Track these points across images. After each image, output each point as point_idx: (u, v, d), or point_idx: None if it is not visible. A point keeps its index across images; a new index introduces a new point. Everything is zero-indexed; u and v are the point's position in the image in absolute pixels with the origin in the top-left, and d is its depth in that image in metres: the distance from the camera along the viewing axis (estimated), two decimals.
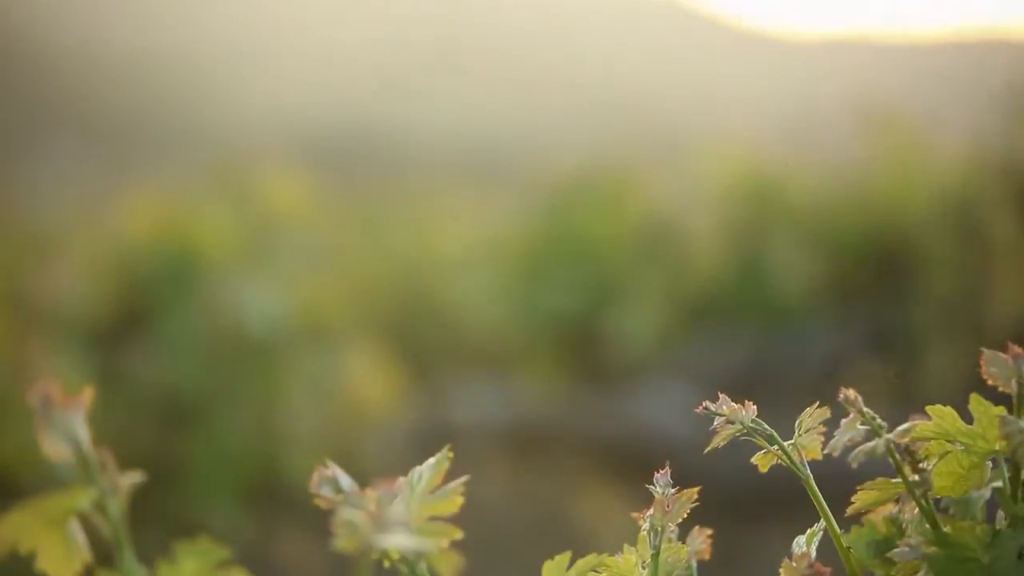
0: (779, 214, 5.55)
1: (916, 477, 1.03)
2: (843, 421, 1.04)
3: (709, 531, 1.08)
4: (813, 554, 1.05)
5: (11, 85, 9.86)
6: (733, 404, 1.08)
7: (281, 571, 3.80)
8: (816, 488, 1.06)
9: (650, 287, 5.48)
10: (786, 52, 11.48)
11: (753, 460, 1.08)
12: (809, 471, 1.07)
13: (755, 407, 1.08)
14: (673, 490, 1.08)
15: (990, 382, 1.04)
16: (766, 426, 1.07)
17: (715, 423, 1.07)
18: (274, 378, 4.27)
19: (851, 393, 1.04)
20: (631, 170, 5.78)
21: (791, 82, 9.69)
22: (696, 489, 1.07)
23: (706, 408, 1.08)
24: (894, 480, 1.05)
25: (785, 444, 1.07)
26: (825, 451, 1.05)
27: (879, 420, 1.04)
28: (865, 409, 1.04)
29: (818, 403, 1.08)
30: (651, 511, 1.07)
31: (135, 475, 0.90)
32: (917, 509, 1.04)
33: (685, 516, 1.07)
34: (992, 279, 5.13)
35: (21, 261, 4.59)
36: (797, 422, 1.08)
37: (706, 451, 1.08)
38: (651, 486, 1.08)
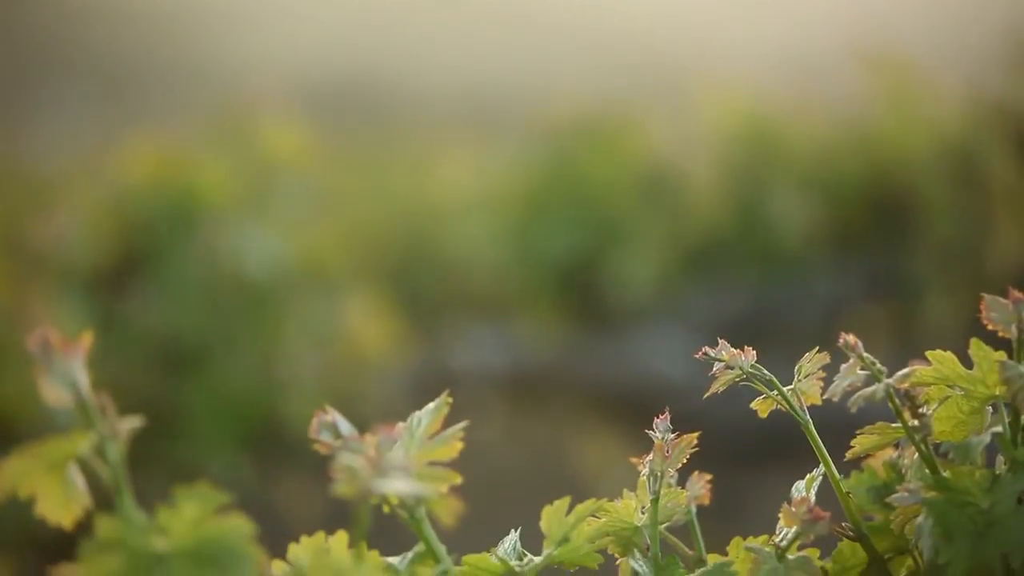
0: (779, 158, 5.53)
1: (916, 422, 1.03)
2: (843, 366, 1.04)
3: (708, 476, 1.08)
4: (812, 499, 1.05)
5: (11, 30, 9.82)
6: (732, 349, 1.07)
7: (280, 516, 3.81)
8: (815, 433, 1.06)
9: (650, 232, 5.47)
10: None
11: (753, 405, 1.08)
12: (808, 416, 1.07)
13: (755, 352, 1.07)
14: (672, 435, 1.08)
15: (990, 327, 1.04)
16: (765, 371, 1.07)
17: (714, 368, 1.07)
18: (274, 324, 4.27)
19: (851, 338, 1.04)
20: (631, 115, 5.76)
21: (791, 24, 9.65)
22: (695, 434, 1.07)
23: (706, 353, 1.08)
24: (894, 425, 1.05)
25: (785, 389, 1.07)
26: (824, 396, 1.05)
27: (879, 365, 1.04)
28: (865, 354, 1.04)
29: (818, 348, 1.08)
30: (650, 456, 1.07)
31: (134, 420, 0.90)
32: (916, 454, 1.04)
33: (684, 461, 1.07)
34: (993, 224, 5.12)
35: (20, 207, 4.58)
36: (796, 367, 1.08)
37: (705, 396, 1.08)
38: (650, 431, 1.08)
